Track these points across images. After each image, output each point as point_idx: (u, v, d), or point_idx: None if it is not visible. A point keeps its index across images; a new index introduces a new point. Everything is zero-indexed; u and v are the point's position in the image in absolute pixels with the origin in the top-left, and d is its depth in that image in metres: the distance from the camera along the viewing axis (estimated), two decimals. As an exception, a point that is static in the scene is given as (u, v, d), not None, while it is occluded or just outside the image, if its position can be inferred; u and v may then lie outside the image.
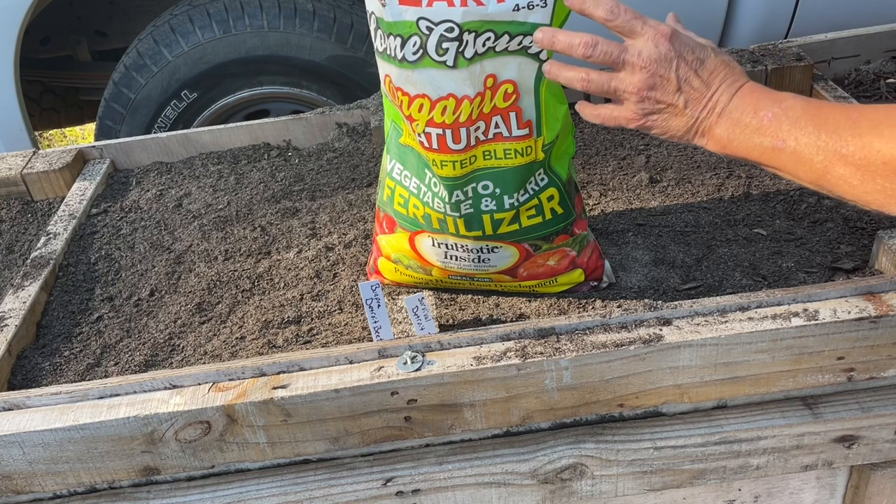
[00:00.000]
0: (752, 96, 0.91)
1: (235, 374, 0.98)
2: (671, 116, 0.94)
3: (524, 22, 0.97)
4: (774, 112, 0.88)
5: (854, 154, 0.81)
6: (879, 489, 1.05)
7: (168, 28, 2.17)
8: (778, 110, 0.88)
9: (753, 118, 0.89)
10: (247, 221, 1.48)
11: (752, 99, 0.91)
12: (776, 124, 0.88)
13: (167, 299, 1.31)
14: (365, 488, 0.98)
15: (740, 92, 0.92)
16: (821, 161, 0.84)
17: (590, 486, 1.01)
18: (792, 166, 0.87)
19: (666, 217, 1.34)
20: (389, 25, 0.97)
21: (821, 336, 0.95)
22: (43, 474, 0.97)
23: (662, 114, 0.95)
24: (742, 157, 0.92)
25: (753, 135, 0.89)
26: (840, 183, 0.84)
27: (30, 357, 1.21)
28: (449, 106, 0.99)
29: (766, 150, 0.89)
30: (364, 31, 2.17)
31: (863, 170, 0.81)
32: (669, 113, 0.94)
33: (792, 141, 0.86)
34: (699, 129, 0.94)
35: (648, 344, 0.94)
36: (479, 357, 0.95)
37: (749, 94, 0.92)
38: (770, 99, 0.90)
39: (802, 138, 0.85)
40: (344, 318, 1.20)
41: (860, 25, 1.72)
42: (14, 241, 1.53)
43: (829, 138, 0.83)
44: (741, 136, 0.90)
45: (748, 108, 0.90)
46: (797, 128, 0.86)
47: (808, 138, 0.85)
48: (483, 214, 1.09)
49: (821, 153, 0.84)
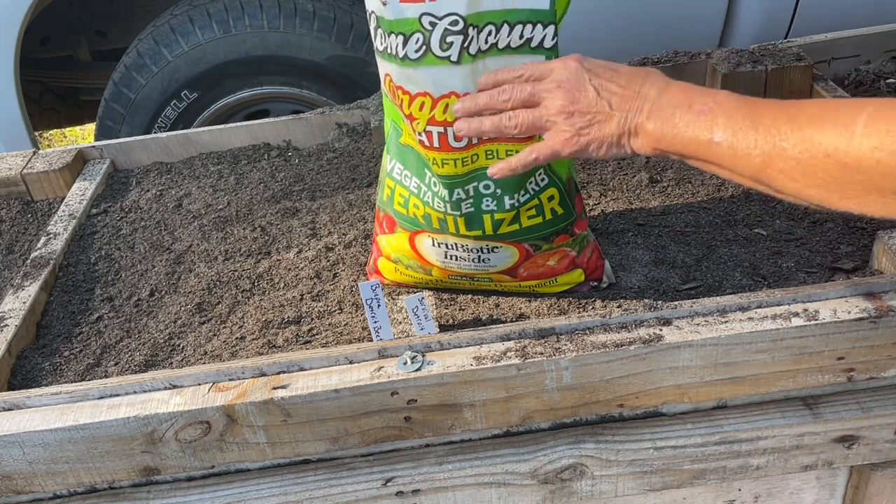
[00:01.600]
0: (683, 91, 0.90)
1: (235, 374, 0.98)
2: (602, 124, 0.93)
3: (521, 9, 0.96)
4: (709, 105, 0.86)
5: (795, 147, 0.79)
6: (879, 489, 1.05)
7: (168, 28, 2.17)
8: (712, 104, 0.86)
9: (688, 111, 0.87)
10: (247, 221, 1.48)
11: (684, 93, 0.89)
12: (711, 118, 0.86)
13: (167, 299, 1.31)
14: (365, 488, 0.98)
15: (670, 88, 0.91)
16: (759, 155, 0.82)
17: (590, 486, 1.01)
18: (729, 161, 0.85)
19: (666, 217, 1.34)
20: (390, 24, 0.97)
21: (821, 336, 0.95)
22: (43, 474, 0.97)
23: (593, 124, 0.93)
24: (676, 152, 0.90)
25: (688, 128, 0.87)
26: (781, 178, 0.82)
27: (30, 357, 1.21)
28: (451, 104, 0.99)
29: (702, 145, 0.86)
30: (364, 31, 2.17)
31: (804, 164, 0.79)
32: (599, 121, 0.93)
33: (729, 135, 0.84)
34: (630, 129, 0.92)
35: (648, 344, 0.94)
36: (479, 357, 0.95)
37: (680, 90, 0.90)
38: (703, 93, 0.89)
39: (740, 132, 0.83)
40: (344, 318, 1.20)
41: (860, 25, 1.72)
42: (14, 241, 1.53)
43: (766, 132, 0.82)
44: (675, 131, 0.88)
45: (681, 100, 0.89)
46: (734, 121, 0.84)
47: (746, 132, 0.83)
48: (483, 214, 1.09)
49: (759, 147, 0.82)
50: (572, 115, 0.93)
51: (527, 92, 0.96)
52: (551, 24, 0.98)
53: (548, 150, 0.96)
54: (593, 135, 0.93)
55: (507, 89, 0.97)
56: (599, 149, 0.94)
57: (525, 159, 0.98)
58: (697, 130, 0.86)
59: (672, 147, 0.89)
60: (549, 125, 0.95)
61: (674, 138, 0.88)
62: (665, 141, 0.89)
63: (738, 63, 1.57)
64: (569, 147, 0.95)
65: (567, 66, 0.94)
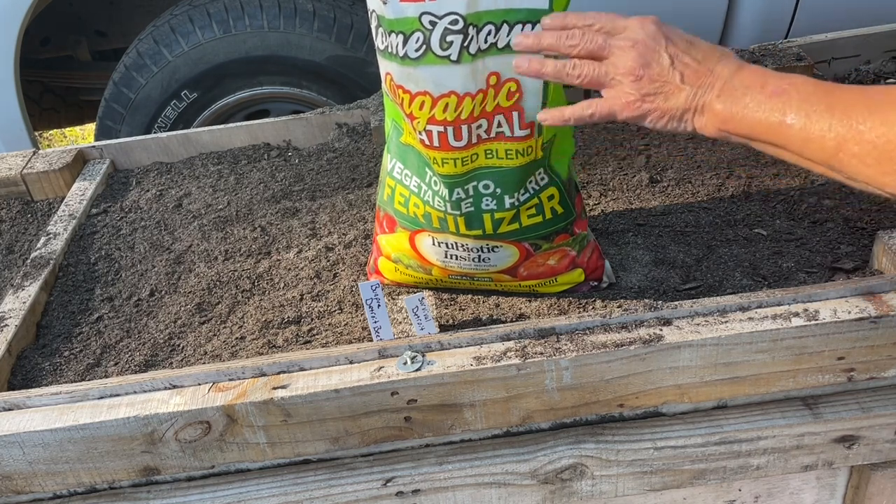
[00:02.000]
0: (757, 73, 0.87)
1: (235, 374, 0.98)
2: (669, 95, 0.89)
3: (520, 8, 0.96)
4: (783, 87, 0.84)
5: (871, 130, 0.77)
6: (879, 489, 1.05)
7: (168, 28, 2.17)
8: (787, 85, 0.84)
9: (760, 92, 0.85)
10: (247, 221, 1.48)
11: (758, 74, 0.87)
12: (785, 99, 0.83)
13: (167, 299, 1.31)
14: (365, 488, 0.98)
15: (744, 69, 0.88)
16: (833, 139, 0.80)
17: (590, 486, 1.01)
18: (799, 145, 0.83)
19: (666, 217, 1.34)
20: (391, 23, 0.97)
21: (821, 336, 0.95)
22: (43, 474, 0.97)
23: (659, 94, 0.89)
24: (743, 135, 0.87)
25: (758, 109, 0.84)
26: (854, 163, 0.79)
27: (30, 357, 1.21)
28: (450, 103, 0.99)
29: (771, 127, 0.84)
30: (364, 30, 2.17)
31: (880, 148, 0.77)
32: (666, 91, 0.89)
33: (802, 117, 0.82)
34: (698, 106, 0.88)
35: (648, 344, 0.94)
36: (479, 357, 0.95)
37: (755, 71, 0.87)
38: (778, 76, 0.86)
39: (814, 114, 0.81)
40: (344, 318, 1.20)
41: (860, 25, 1.72)
42: (14, 241, 1.53)
43: (842, 115, 0.79)
44: (745, 111, 0.85)
45: (754, 82, 0.86)
46: (808, 103, 0.82)
47: (820, 115, 0.81)
48: (483, 213, 1.09)
49: (833, 130, 0.80)
50: (640, 80, 0.89)
51: (597, 43, 0.91)
52: (551, 24, 0.98)
53: (606, 109, 0.92)
54: (657, 104, 0.90)
55: (576, 34, 0.92)
56: (660, 119, 0.91)
57: (580, 113, 0.94)
58: (768, 112, 0.84)
59: (739, 128, 0.87)
60: (613, 83, 0.91)
61: (742, 119, 0.86)
62: (733, 122, 0.87)
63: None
64: (628, 111, 0.91)
65: (645, 26, 0.90)
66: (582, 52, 0.92)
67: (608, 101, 0.92)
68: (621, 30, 0.91)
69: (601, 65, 0.91)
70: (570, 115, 0.95)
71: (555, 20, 0.94)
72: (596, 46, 0.91)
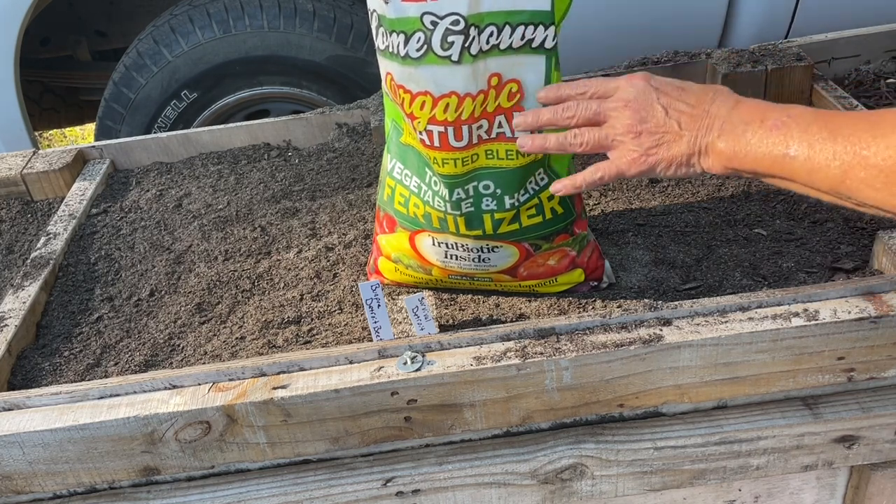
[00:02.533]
0: (755, 107, 0.88)
1: (235, 374, 0.98)
2: (671, 144, 0.91)
3: (522, 10, 0.96)
4: (783, 119, 0.84)
5: (877, 155, 0.77)
6: (879, 489, 1.05)
7: (168, 28, 2.17)
8: (786, 118, 0.84)
9: (760, 127, 0.85)
10: (247, 221, 1.48)
11: (755, 109, 0.87)
12: (785, 131, 0.84)
13: (167, 299, 1.31)
14: (365, 488, 0.98)
15: (741, 105, 0.89)
16: (838, 166, 0.80)
17: (590, 486, 1.01)
18: (805, 175, 0.83)
19: (666, 217, 1.34)
20: (392, 23, 0.97)
21: (821, 336, 0.95)
22: (43, 474, 0.97)
23: (661, 145, 0.91)
24: (750, 170, 0.88)
25: (761, 144, 0.85)
26: (861, 188, 0.79)
27: (30, 357, 1.21)
28: (451, 103, 0.99)
29: (776, 160, 0.84)
30: (364, 30, 2.17)
31: (887, 171, 0.77)
32: (668, 141, 0.91)
33: (805, 147, 0.82)
34: (701, 148, 0.90)
35: (648, 344, 0.94)
36: (479, 357, 0.95)
37: (752, 106, 0.88)
38: (776, 108, 0.87)
39: (816, 144, 0.81)
40: (344, 318, 1.20)
41: (860, 25, 1.72)
42: (14, 241, 1.53)
43: (846, 141, 0.79)
44: (748, 148, 0.86)
45: (753, 117, 0.87)
46: (809, 133, 0.82)
47: (823, 144, 0.81)
48: (483, 214, 1.09)
49: (838, 158, 0.80)
50: (640, 135, 0.92)
51: (592, 110, 0.94)
52: (552, 25, 0.98)
53: (614, 169, 0.95)
54: (662, 155, 0.92)
55: (571, 106, 0.95)
56: (668, 169, 0.93)
57: (591, 178, 0.97)
58: (771, 146, 0.85)
59: (745, 165, 0.88)
60: (615, 144, 0.94)
61: (746, 155, 0.87)
62: (737, 159, 0.88)
63: (738, 63, 1.57)
64: (636, 167, 0.93)
65: (634, 84, 0.93)
66: (580, 122, 0.96)
67: (614, 161, 0.95)
68: (612, 91, 0.95)
69: (600, 129, 0.95)
70: (581, 182, 0.99)
71: (549, 93, 0.98)
72: (591, 113, 0.95)
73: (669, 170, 0.93)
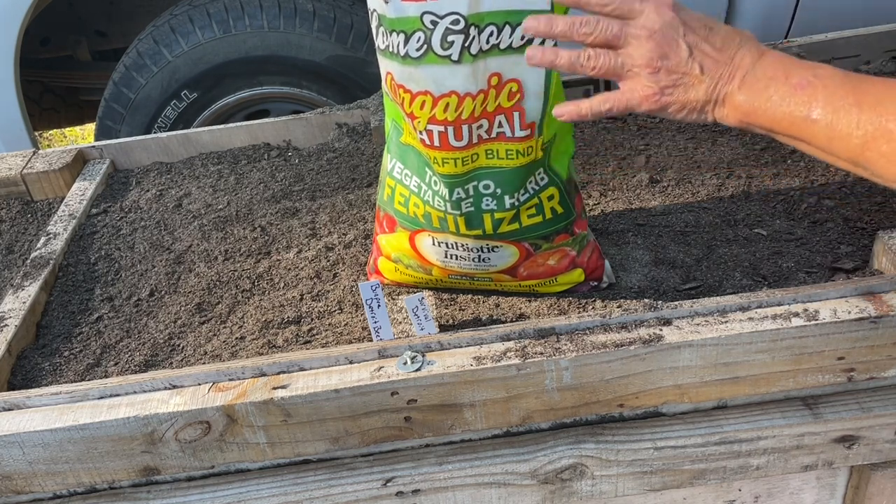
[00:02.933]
0: (781, 62, 0.84)
1: (235, 374, 0.98)
2: (689, 87, 0.86)
3: (522, 10, 0.96)
4: (808, 79, 0.81)
5: None
6: (879, 489, 1.05)
7: (168, 28, 2.17)
8: (812, 78, 0.81)
9: (784, 84, 0.81)
10: (247, 221, 1.48)
11: (781, 64, 0.83)
12: (810, 92, 0.80)
13: (167, 299, 1.31)
14: (365, 488, 0.98)
15: (766, 57, 0.85)
16: (860, 136, 0.77)
17: (590, 486, 1.01)
18: (825, 140, 0.80)
19: (666, 217, 1.34)
20: (392, 22, 0.97)
21: (821, 336, 0.95)
22: (43, 474, 0.97)
23: (678, 86, 0.86)
24: (766, 127, 0.84)
25: (783, 102, 0.81)
26: (881, 161, 0.77)
27: (30, 357, 1.21)
28: (451, 103, 0.99)
29: (795, 121, 0.81)
30: (364, 30, 2.17)
31: None
32: (686, 83, 0.86)
33: (829, 112, 0.79)
34: (719, 98, 0.86)
35: (648, 344, 0.94)
36: (479, 357, 0.95)
37: (778, 60, 0.84)
38: (802, 66, 0.83)
39: (841, 110, 0.78)
40: (344, 318, 1.20)
41: (860, 25, 1.72)
42: (14, 241, 1.53)
43: (871, 112, 0.77)
44: (767, 104, 0.82)
45: (777, 74, 0.83)
46: (835, 98, 0.79)
47: (848, 110, 0.78)
48: (483, 213, 1.09)
49: (861, 128, 0.77)
50: (658, 72, 0.86)
51: (612, 31, 0.87)
52: (552, 24, 0.98)
53: (624, 102, 0.89)
54: (677, 97, 0.87)
55: (591, 21, 0.88)
56: (679, 112, 0.88)
57: (598, 108, 0.90)
58: (793, 106, 0.81)
59: (762, 121, 0.84)
60: (630, 75, 0.88)
61: (765, 112, 0.83)
62: (756, 114, 0.84)
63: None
64: (647, 104, 0.88)
65: (661, 12, 0.86)
66: (597, 41, 0.89)
67: (626, 93, 0.89)
68: (637, 14, 0.87)
69: (617, 55, 0.88)
70: (587, 110, 0.91)
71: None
72: (611, 35, 0.88)
73: (681, 113, 0.88)
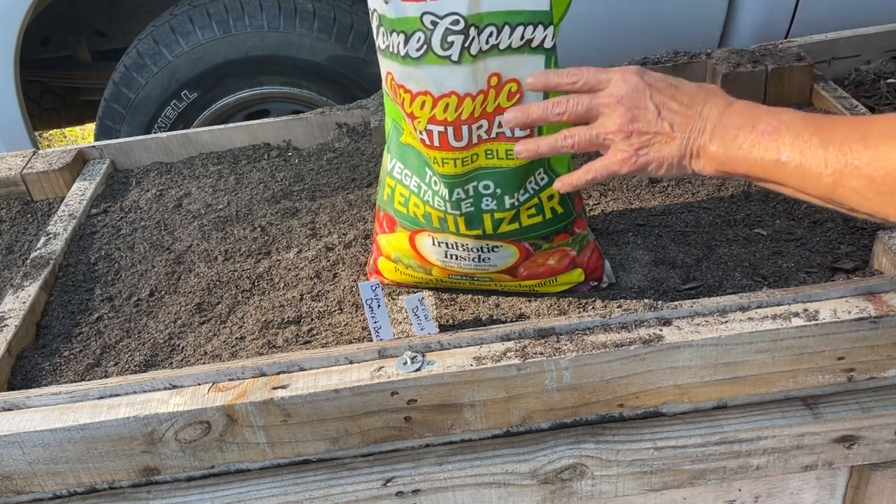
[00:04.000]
0: (746, 110, 0.88)
1: (235, 375, 0.98)
2: (662, 145, 0.90)
3: (521, 10, 0.96)
4: (773, 125, 0.84)
5: (868, 165, 0.77)
6: (879, 489, 1.05)
7: (168, 28, 2.17)
8: (777, 123, 0.84)
9: (752, 132, 0.85)
10: (247, 221, 1.48)
11: (747, 112, 0.87)
12: (777, 137, 0.83)
13: (167, 299, 1.31)
14: (365, 488, 0.98)
15: (732, 107, 0.89)
16: (830, 174, 0.80)
17: (590, 486, 1.01)
18: (798, 181, 0.83)
19: (666, 217, 1.34)
20: (392, 22, 0.97)
21: (821, 336, 0.95)
22: (43, 474, 0.97)
23: (652, 144, 0.91)
24: (742, 174, 0.88)
25: (752, 149, 0.85)
26: (854, 196, 0.79)
27: (30, 357, 1.21)
28: (451, 103, 0.99)
29: (767, 166, 0.84)
30: (364, 30, 2.17)
31: (878, 181, 0.77)
32: (659, 142, 0.90)
33: (796, 154, 0.82)
34: (692, 151, 0.90)
35: (648, 344, 0.94)
36: (479, 357, 0.95)
37: (743, 109, 0.88)
38: (767, 112, 0.86)
39: (808, 151, 0.81)
40: (344, 318, 1.20)
41: (860, 25, 1.72)
42: (14, 241, 1.53)
43: (837, 151, 0.79)
44: (739, 152, 0.86)
45: (745, 121, 0.86)
46: (801, 140, 0.82)
47: (814, 151, 0.81)
48: (483, 213, 1.09)
49: (829, 167, 0.80)
50: (630, 136, 0.91)
51: (584, 105, 0.93)
52: (551, 25, 0.98)
53: (605, 169, 0.95)
54: (652, 155, 0.91)
55: (561, 102, 0.94)
56: (659, 169, 0.92)
57: (583, 178, 0.97)
58: (763, 151, 0.84)
59: (736, 169, 0.87)
60: (606, 143, 0.93)
61: (738, 160, 0.86)
62: (729, 163, 0.87)
63: (738, 63, 1.57)
64: (627, 167, 0.93)
65: (626, 79, 0.92)
66: (571, 118, 0.95)
67: (606, 160, 0.94)
68: (605, 84, 0.93)
69: (591, 128, 0.94)
70: (576, 181, 0.98)
71: (538, 80, 0.97)
72: (583, 109, 0.94)
73: (661, 170, 0.92)
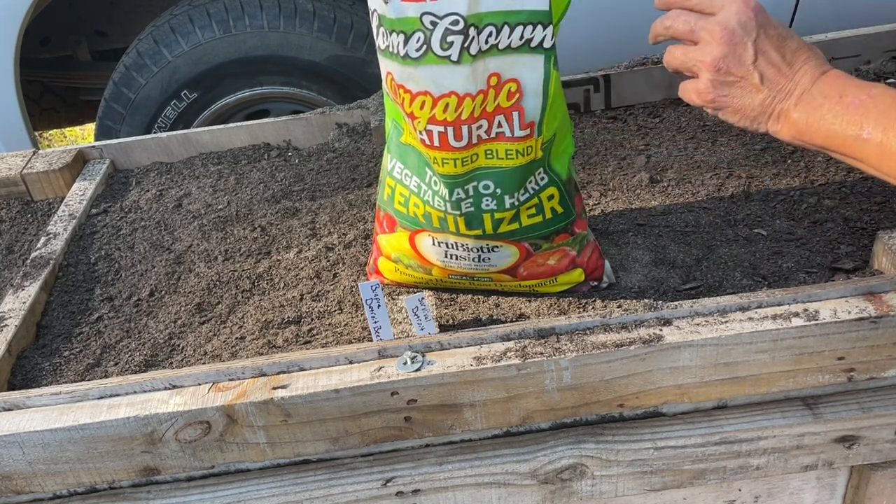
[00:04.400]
0: (837, 81, 0.86)
1: (235, 374, 0.98)
2: (745, 93, 0.88)
3: (521, 10, 0.96)
4: (861, 99, 0.82)
5: None
6: (879, 489, 1.05)
7: (168, 28, 2.17)
8: (865, 97, 0.82)
9: (838, 103, 0.83)
10: (247, 221, 1.48)
11: (837, 83, 0.85)
12: (862, 112, 0.82)
13: (167, 299, 1.31)
14: (365, 488, 0.98)
15: (825, 76, 0.87)
16: None
17: (590, 486, 1.01)
18: (876, 159, 0.81)
19: (666, 217, 1.34)
20: (392, 22, 0.97)
21: (821, 336, 0.95)
22: (43, 474, 0.97)
23: (735, 88, 0.88)
24: (819, 145, 0.86)
25: (835, 121, 0.83)
26: None
27: (30, 357, 1.21)
28: (451, 103, 0.99)
29: (847, 140, 0.82)
30: (364, 30, 2.17)
31: None
32: (743, 88, 0.88)
33: (879, 132, 0.80)
34: (774, 112, 0.87)
35: (648, 344, 0.94)
36: (479, 357, 0.95)
37: (835, 79, 0.86)
38: (857, 86, 0.84)
39: (892, 130, 0.80)
40: (344, 318, 1.20)
41: (861, 25, 1.72)
42: (14, 241, 1.53)
43: None
44: (821, 123, 0.84)
45: (832, 92, 0.84)
46: (887, 118, 0.80)
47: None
48: (483, 213, 1.09)
49: None
50: (717, 71, 0.89)
51: (687, 27, 0.91)
52: (550, 25, 0.98)
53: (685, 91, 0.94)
54: (731, 101, 0.89)
55: (671, 15, 0.93)
56: (734, 115, 0.90)
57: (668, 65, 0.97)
58: (845, 125, 0.83)
59: (815, 139, 0.86)
60: (695, 70, 0.92)
61: (818, 130, 0.85)
62: (809, 132, 0.86)
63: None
64: (703, 98, 0.92)
65: (741, 13, 0.88)
66: (674, 33, 0.94)
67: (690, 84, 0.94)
68: (718, 9, 0.90)
69: (686, 52, 0.92)
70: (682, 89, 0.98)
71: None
72: (686, 29, 0.92)
73: (735, 117, 0.91)
